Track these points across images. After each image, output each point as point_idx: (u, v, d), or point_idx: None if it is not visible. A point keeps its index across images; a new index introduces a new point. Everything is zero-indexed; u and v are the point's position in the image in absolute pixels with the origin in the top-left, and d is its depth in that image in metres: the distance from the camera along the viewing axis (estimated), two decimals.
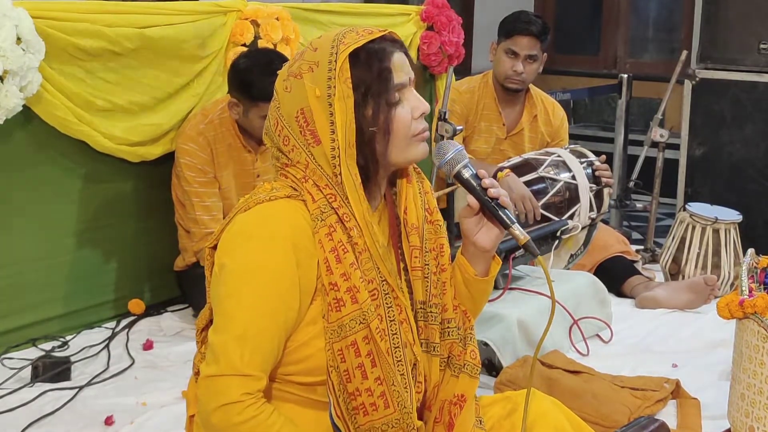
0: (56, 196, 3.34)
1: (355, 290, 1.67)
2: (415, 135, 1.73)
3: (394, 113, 1.70)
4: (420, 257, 1.79)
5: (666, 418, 2.60)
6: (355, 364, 1.67)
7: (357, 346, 1.67)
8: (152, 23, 3.47)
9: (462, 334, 1.85)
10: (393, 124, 1.70)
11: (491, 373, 3.00)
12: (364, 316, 1.67)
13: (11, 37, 2.89)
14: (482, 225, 1.80)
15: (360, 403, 1.69)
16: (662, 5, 7.54)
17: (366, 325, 1.67)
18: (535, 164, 3.82)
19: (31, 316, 3.28)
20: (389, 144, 1.71)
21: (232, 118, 3.41)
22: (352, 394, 1.68)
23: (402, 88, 1.72)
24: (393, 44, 1.72)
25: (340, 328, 1.66)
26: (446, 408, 1.82)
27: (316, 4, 4.37)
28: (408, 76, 1.73)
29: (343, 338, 1.66)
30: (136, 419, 2.71)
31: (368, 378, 1.68)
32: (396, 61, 1.71)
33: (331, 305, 1.66)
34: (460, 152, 1.78)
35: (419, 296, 1.79)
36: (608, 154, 4.44)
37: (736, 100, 4.77)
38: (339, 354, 1.67)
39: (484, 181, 1.76)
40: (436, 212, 1.86)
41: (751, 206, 4.53)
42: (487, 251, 1.82)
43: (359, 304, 1.67)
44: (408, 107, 1.72)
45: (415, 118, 1.73)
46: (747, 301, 2.45)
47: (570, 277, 3.53)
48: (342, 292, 1.66)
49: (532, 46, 4.02)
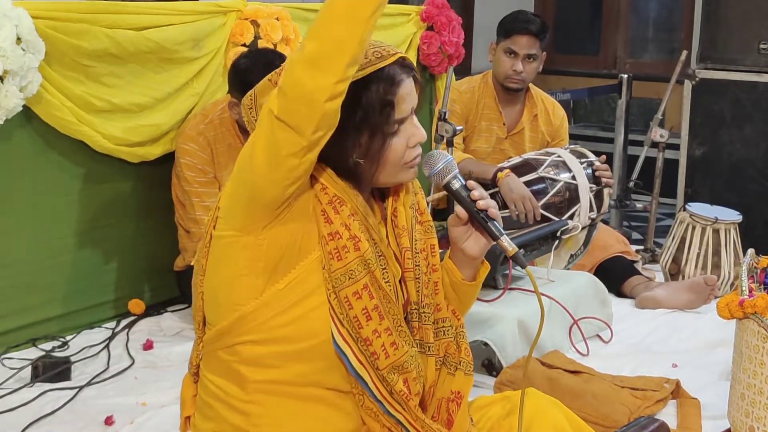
0: (56, 196, 3.34)
1: (357, 239, 1.68)
2: (407, 162, 1.73)
3: (389, 144, 1.70)
4: (411, 258, 1.80)
5: (666, 418, 2.60)
6: (371, 306, 1.68)
7: (369, 290, 1.68)
8: (152, 23, 3.48)
9: (454, 333, 1.86)
10: (385, 155, 1.70)
11: (491, 373, 2.99)
12: (367, 263, 1.69)
13: (11, 37, 2.89)
14: (471, 233, 1.81)
15: (380, 345, 1.69)
16: (662, 5, 7.54)
17: (369, 272, 1.69)
18: (535, 164, 3.82)
19: (31, 316, 3.28)
20: (377, 172, 1.72)
21: (232, 118, 3.41)
22: (367, 338, 1.69)
23: (403, 121, 1.71)
24: (404, 70, 1.70)
25: (346, 275, 1.67)
26: (444, 405, 1.83)
27: (316, 4, 4.38)
28: (411, 106, 1.72)
29: (353, 283, 1.67)
30: (136, 419, 2.71)
31: (385, 318, 1.70)
32: (403, 91, 1.69)
33: (332, 254, 1.67)
34: (450, 163, 1.78)
35: (412, 297, 1.80)
36: (608, 154, 4.44)
37: (736, 100, 4.77)
38: (346, 301, 1.68)
39: (473, 193, 1.76)
40: (426, 213, 1.88)
41: (751, 206, 4.53)
42: (475, 259, 1.83)
43: (361, 251, 1.68)
44: (405, 137, 1.72)
45: (411, 147, 1.73)
46: (747, 301, 2.45)
47: (570, 277, 3.53)
48: (345, 240, 1.67)
49: (531, 45, 4.02)
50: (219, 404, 1.76)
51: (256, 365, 1.72)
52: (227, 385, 1.75)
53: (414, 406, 1.75)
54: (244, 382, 1.73)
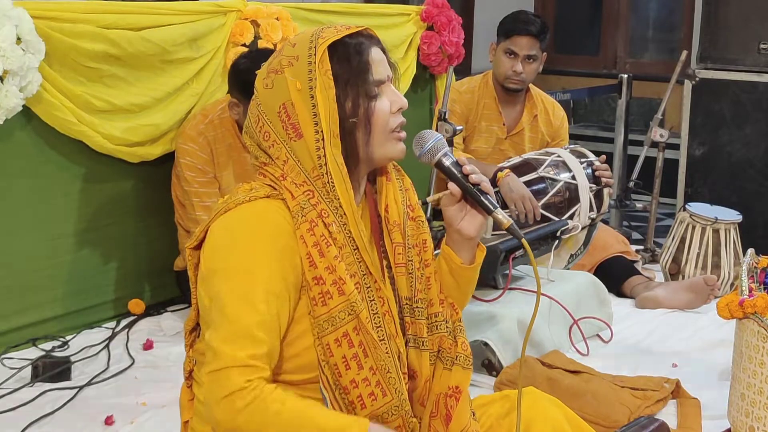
0: (56, 196, 3.34)
1: (341, 282, 1.67)
2: (393, 129, 1.74)
3: (373, 105, 1.72)
4: (403, 254, 1.80)
5: (666, 418, 2.60)
6: (350, 355, 1.67)
7: (349, 337, 1.67)
8: (152, 23, 3.48)
9: (451, 327, 1.85)
10: (372, 116, 1.72)
11: (491, 373, 2.99)
12: (352, 307, 1.68)
13: (11, 37, 2.89)
14: (465, 213, 1.81)
15: (357, 396, 1.69)
16: (662, 5, 7.54)
17: (355, 316, 1.68)
18: (535, 164, 3.82)
19: (31, 316, 3.28)
20: (370, 136, 1.72)
21: (232, 118, 3.41)
22: (346, 387, 1.68)
23: (380, 84, 1.74)
24: (370, 39, 1.75)
25: (329, 321, 1.67)
26: (442, 401, 1.82)
27: (316, 4, 4.38)
28: (387, 72, 1.75)
29: (334, 331, 1.67)
30: (136, 419, 2.71)
31: (363, 368, 1.68)
32: (374, 55, 1.73)
33: (315, 300, 1.66)
34: (440, 140, 1.80)
35: (404, 292, 1.80)
36: (608, 154, 4.44)
37: (736, 100, 4.77)
38: (327, 348, 1.67)
39: (465, 168, 1.77)
40: (418, 209, 1.87)
41: (751, 206, 4.54)
42: (472, 238, 1.83)
43: (346, 295, 1.67)
44: (387, 101, 1.74)
45: (393, 113, 1.74)
46: (747, 301, 2.45)
47: (570, 277, 3.53)
48: (328, 285, 1.66)
49: (531, 46, 4.02)
50: None
51: None
52: None
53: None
54: None
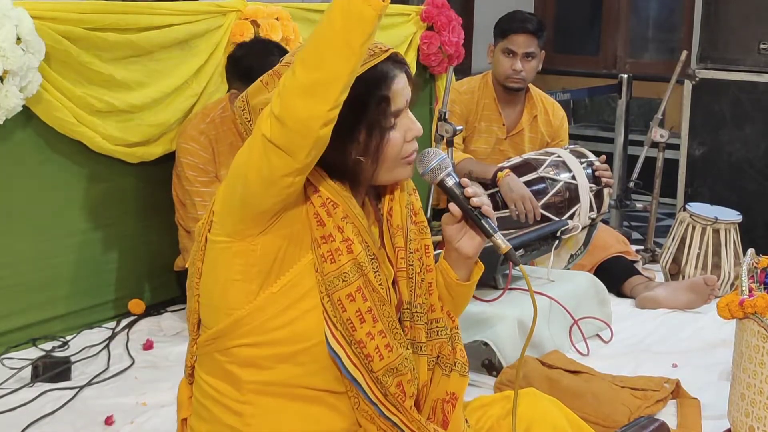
0: (56, 196, 3.34)
1: (349, 242, 1.69)
2: (404, 157, 1.73)
3: (387, 138, 1.70)
4: (405, 258, 1.80)
5: (666, 418, 2.60)
6: (364, 309, 1.69)
7: (362, 292, 1.69)
8: (152, 23, 3.48)
9: (449, 334, 1.86)
10: (384, 150, 1.71)
11: (491, 373, 2.99)
12: (361, 266, 1.69)
13: (11, 37, 2.89)
14: (465, 232, 1.81)
15: (374, 347, 1.69)
16: (662, 5, 7.54)
17: (363, 274, 1.69)
18: (535, 164, 3.82)
19: (31, 316, 3.28)
20: (377, 169, 1.72)
21: (233, 117, 3.41)
22: (361, 341, 1.69)
23: (398, 115, 1.71)
24: (396, 65, 1.71)
25: (339, 278, 1.68)
26: (439, 406, 1.83)
27: (316, 4, 4.37)
28: (405, 99, 1.72)
29: (346, 286, 1.68)
30: (136, 419, 2.71)
31: (378, 321, 1.70)
32: (396, 86, 1.70)
33: (324, 257, 1.67)
34: (444, 160, 1.79)
35: (404, 297, 1.80)
36: (608, 154, 4.45)
37: (736, 100, 4.77)
38: (339, 304, 1.68)
39: (467, 190, 1.77)
40: (421, 213, 1.88)
41: (751, 206, 4.53)
42: (470, 258, 1.84)
43: (354, 254, 1.69)
44: (402, 131, 1.72)
45: (408, 141, 1.73)
46: (747, 301, 2.45)
47: (570, 277, 3.53)
48: (338, 242, 1.68)
49: (529, 44, 4.02)
50: (213, 405, 1.76)
51: (251, 366, 1.72)
52: (222, 385, 1.75)
53: (409, 407, 1.75)
54: (239, 382, 1.73)
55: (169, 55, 3.58)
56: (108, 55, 3.35)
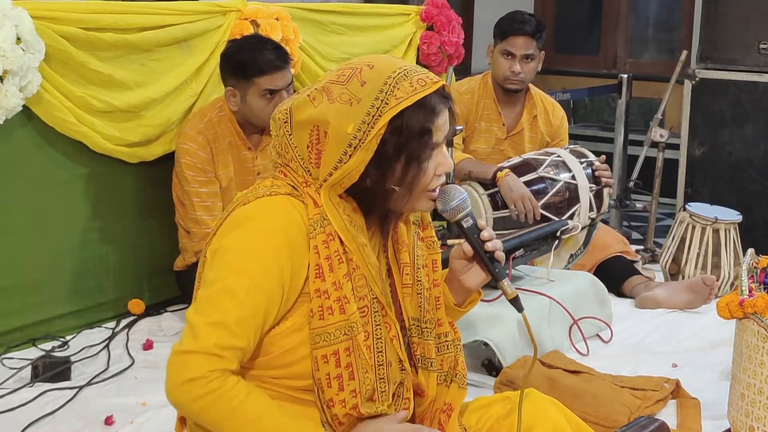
0: (56, 196, 3.34)
1: (345, 301, 1.67)
2: (430, 190, 1.72)
3: (423, 170, 1.68)
4: (411, 274, 1.80)
5: (666, 418, 2.60)
6: (333, 374, 1.67)
7: (338, 357, 1.67)
8: (152, 23, 3.48)
9: (457, 348, 1.88)
10: (418, 181, 1.69)
11: (491, 373, 3.00)
12: (350, 328, 1.67)
13: (11, 37, 2.89)
14: (472, 267, 1.82)
15: (334, 414, 1.69)
16: (662, 5, 7.55)
17: (351, 337, 1.67)
18: (534, 164, 3.82)
19: (31, 316, 3.28)
20: (409, 200, 1.70)
21: (230, 116, 3.41)
22: (327, 402, 1.69)
23: (435, 148, 1.70)
24: (442, 100, 1.69)
25: (322, 336, 1.66)
26: (436, 417, 1.85)
27: (316, 4, 4.37)
28: (444, 134, 1.71)
29: (325, 346, 1.66)
30: (136, 419, 2.71)
31: (344, 390, 1.68)
32: (440, 121, 1.69)
33: (314, 312, 1.66)
34: (465, 201, 1.78)
35: (412, 312, 1.80)
36: (608, 154, 4.44)
37: (736, 100, 4.77)
38: (315, 361, 1.67)
39: (483, 234, 1.78)
40: (429, 228, 1.88)
41: (751, 206, 4.54)
42: (471, 290, 1.85)
43: (347, 315, 1.67)
44: (434, 165, 1.70)
45: (437, 175, 1.71)
46: (747, 301, 2.45)
47: (570, 277, 3.53)
48: (331, 301, 1.66)
49: (527, 46, 4.02)
50: None
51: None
52: None
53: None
54: None
55: (169, 54, 3.59)
56: (107, 55, 3.35)
